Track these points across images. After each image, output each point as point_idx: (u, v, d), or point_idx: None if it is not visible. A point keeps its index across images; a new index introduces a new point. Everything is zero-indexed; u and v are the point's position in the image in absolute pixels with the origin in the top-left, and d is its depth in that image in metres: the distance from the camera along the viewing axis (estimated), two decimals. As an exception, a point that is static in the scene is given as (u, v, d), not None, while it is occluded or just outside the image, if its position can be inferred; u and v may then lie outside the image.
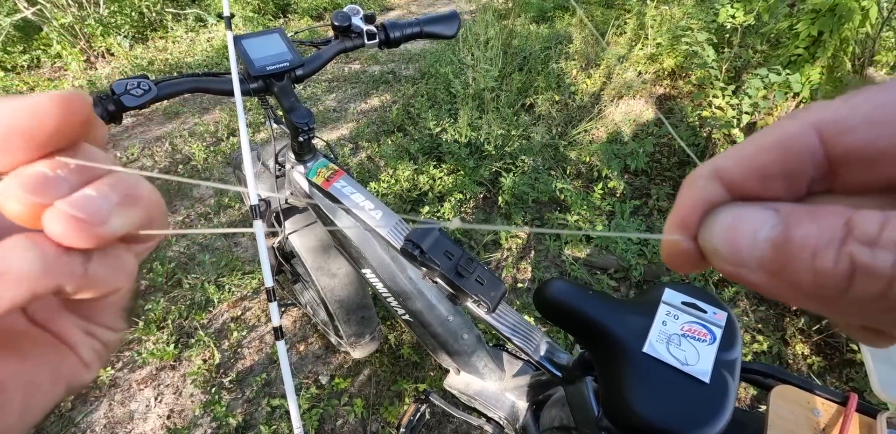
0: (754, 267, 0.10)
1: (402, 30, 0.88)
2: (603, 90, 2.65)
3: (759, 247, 0.10)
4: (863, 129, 0.10)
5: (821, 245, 0.09)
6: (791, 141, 0.11)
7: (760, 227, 0.10)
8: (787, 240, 0.10)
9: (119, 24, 3.21)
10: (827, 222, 0.09)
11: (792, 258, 0.09)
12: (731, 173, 0.11)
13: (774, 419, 0.57)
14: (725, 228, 0.11)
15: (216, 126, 2.33)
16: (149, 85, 0.68)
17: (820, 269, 0.09)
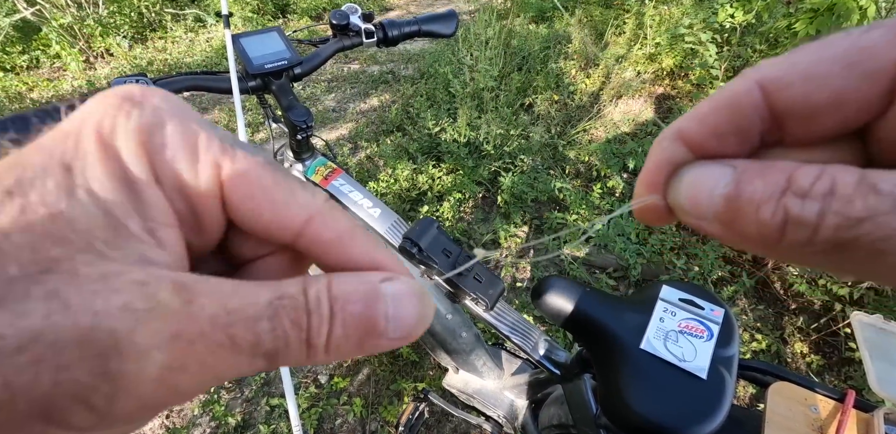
0: (711, 219, 0.11)
1: (400, 28, 0.88)
2: (602, 90, 2.65)
3: (715, 201, 0.11)
4: (799, 84, 0.11)
5: (763, 199, 0.10)
6: (737, 99, 0.11)
7: (716, 184, 0.11)
8: (737, 195, 0.11)
9: (118, 25, 3.22)
10: (772, 178, 0.10)
11: (740, 211, 0.11)
12: (691, 134, 0.12)
13: (772, 416, 0.57)
14: (687, 186, 0.12)
15: (215, 126, 2.33)
16: (147, 83, 0.68)
17: (761, 220, 0.10)
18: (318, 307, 0.11)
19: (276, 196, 0.12)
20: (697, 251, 1.53)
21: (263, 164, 0.12)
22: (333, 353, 0.11)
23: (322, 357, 0.11)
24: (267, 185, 0.12)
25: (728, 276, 1.50)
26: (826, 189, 0.09)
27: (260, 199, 0.12)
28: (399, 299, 0.12)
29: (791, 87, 0.11)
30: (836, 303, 1.30)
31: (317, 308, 0.11)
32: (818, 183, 0.09)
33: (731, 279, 1.49)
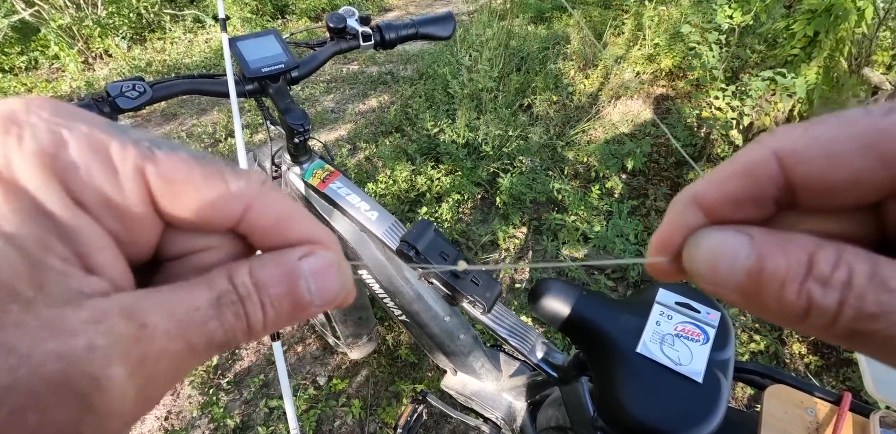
0: (731, 289, 0.11)
1: (398, 31, 0.88)
2: (601, 90, 2.66)
3: (737, 273, 0.11)
4: (818, 161, 0.11)
5: (788, 279, 0.10)
6: (755, 168, 0.12)
7: (737, 255, 0.11)
8: (760, 270, 0.11)
9: (117, 26, 3.21)
10: (794, 257, 0.10)
11: (764, 286, 0.11)
12: (707, 199, 0.13)
13: (768, 418, 0.58)
14: (707, 255, 0.12)
15: (214, 127, 2.33)
16: (144, 87, 0.68)
17: (785, 300, 0.10)
18: (248, 296, 0.12)
19: (207, 191, 0.12)
20: (696, 252, 1.54)
21: (188, 159, 0.12)
22: (271, 328, 0.12)
23: (261, 334, 0.12)
24: (196, 180, 0.12)
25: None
26: (844, 279, 0.10)
27: (192, 197, 0.12)
28: (317, 273, 0.13)
29: (810, 163, 0.11)
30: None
31: (248, 297, 0.12)
32: (837, 272, 0.10)
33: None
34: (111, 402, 0.09)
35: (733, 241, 0.12)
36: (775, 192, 0.12)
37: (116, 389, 0.09)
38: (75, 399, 0.09)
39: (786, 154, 0.11)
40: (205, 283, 0.12)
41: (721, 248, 0.12)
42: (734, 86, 1.93)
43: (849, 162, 0.10)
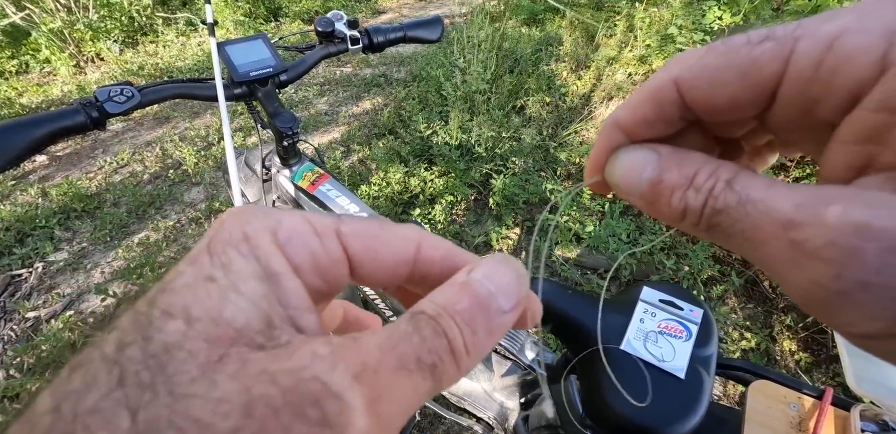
0: (638, 196, 0.14)
1: (386, 35, 0.89)
2: (593, 92, 2.67)
3: (642, 184, 0.14)
4: (706, 88, 0.13)
5: (676, 188, 0.13)
6: (658, 94, 0.14)
7: (644, 169, 0.14)
8: (659, 181, 0.14)
9: (109, 29, 3.21)
10: (684, 171, 0.13)
11: (659, 194, 0.14)
12: (624, 122, 0.15)
13: (752, 414, 0.58)
14: (620, 168, 0.15)
15: (207, 130, 2.33)
16: (132, 91, 0.69)
17: (672, 204, 0.13)
18: (439, 315, 0.12)
19: (386, 239, 0.14)
20: (687, 251, 1.55)
21: (367, 219, 0.15)
22: (472, 346, 0.12)
23: (465, 355, 0.12)
24: (377, 233, 0.14)
25: (718, 275, 1.51)
26: (710, 186, 0.12)
27: (377, 246, 0.14)
28: (488, 276, 0.13)
29: (699, 89, 0.13)
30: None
31: (439, 315, 0.12)
32: (707, 181, 0.13)
33: (720, 278, 1.51)
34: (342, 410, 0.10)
35: (643, 158, 0.14)
36: (678, 112, 0.14)
37: (343, 397, 0.10)
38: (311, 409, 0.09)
39: (682, 81, 0.13)
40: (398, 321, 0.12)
41: (632, 162, 0.14)
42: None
43: (728, 89, 0.12)
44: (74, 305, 1.48)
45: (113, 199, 1.89)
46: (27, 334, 1.38)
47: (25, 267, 1.60)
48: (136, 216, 1.82)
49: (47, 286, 1.54)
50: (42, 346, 1.31)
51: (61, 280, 1.57)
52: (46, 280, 1.56)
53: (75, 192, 1.86)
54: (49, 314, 1.45)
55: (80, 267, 1.61)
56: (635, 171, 0.14)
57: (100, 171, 2.08)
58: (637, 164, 0.14)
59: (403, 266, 0.14)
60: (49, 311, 1.46)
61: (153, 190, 1.94)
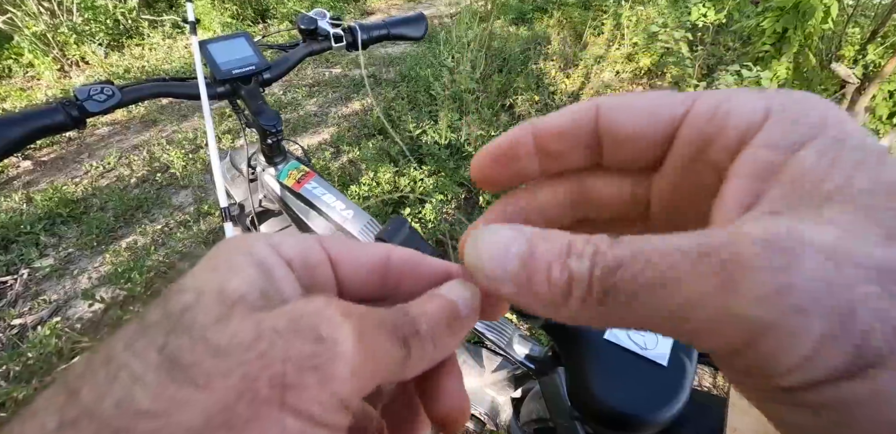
0: (508, 280, 0.12)
1: (370, 32, 0.89)
2: (582, 90, 2.70)
3: (511, 261, 0.12)
4: (620, 114, 0.14)
5: (552, 259, 0.12)
6: (579, 112, 0.15)
7: (512, 245, 0.12)
8: (530, 254, 0.12)
9: (93, 32, 3.17)
10: (556, 242, 0.12)
11: (534, 271, 0.12)
12: (542, 128, 0.15)
13: (735, 400, 0.59)
14: (483, 248, 0.13)
15: (195, 133, 2.31)
16: (112, 90, 0.68)
17: (552, 278, 0.11)
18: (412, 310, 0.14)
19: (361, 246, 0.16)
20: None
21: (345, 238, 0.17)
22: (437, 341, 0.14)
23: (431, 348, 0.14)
24: (353, 244, 0.16)
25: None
26: (593, 249, 0.11)
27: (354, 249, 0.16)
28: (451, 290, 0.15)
29: (615, 111, 0.14)
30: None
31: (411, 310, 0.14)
32: (587, 246, 0.11)
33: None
34: (335, 330, 0.11)
35: (508, 235, 0.13)
36: (590, 136, 0.15)
37: (337, 319, 0.12)
38: (310, 330, 0.11)
39: (602, 104, 0.14)
40: None
41: (497, 239, 0.13)
42: (706, 81, 1.98)
43: (639, 117, 0.14)
44: (61, 312, 1.46)
45: (100, 204, 1.87)
46: (13, 342, 1.36)
47: (10, 274, 1.58)
48: (124, 220, 1.80)
49: (33, 293, 1.52)
50: (28, 353, 1.29)
51: (47, 286, 1.55)
52: (32, 287, 1.54)
53: (61, 198, 1.84)
54: (35, 321, 1.42)
55: (67, 273, 1.59)
56: (501, 248, 0.12)
57: (86, 175, 2.05)
58: (503, 240, 0.12)
59: (378, 269, 0.16)
60: (35, 317, 1.43)
61: (140, 194, 1.92)
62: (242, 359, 0.10)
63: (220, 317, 0.11)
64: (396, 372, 0.13)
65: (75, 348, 1.29)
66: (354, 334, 0.12)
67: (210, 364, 0.10)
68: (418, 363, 0.13)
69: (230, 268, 0.13)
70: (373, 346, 0.12)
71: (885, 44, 2.15)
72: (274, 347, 0.11)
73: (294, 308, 0.12)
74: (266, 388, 0.10)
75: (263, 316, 0.12)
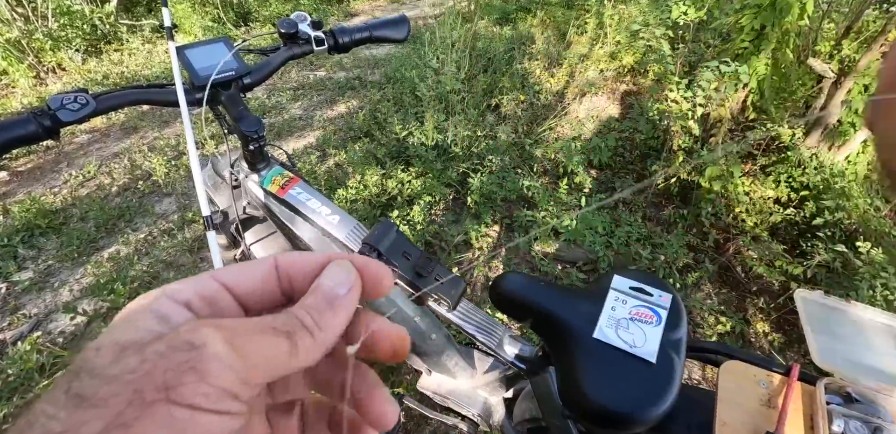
0: None
1: (351, 35, 0.89)
2: (566, 88, 2.72)
3: None
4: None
5: None
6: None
7: None
8: None
9: (70, 38, 3.10)
10: None
11: None
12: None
13: (723, 394, 0.60)
14: None
15: (177, 139, 2.28)
16: (86, 99, 0.66)
17: None
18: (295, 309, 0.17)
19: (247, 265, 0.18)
20: (662, 241, 1.58)
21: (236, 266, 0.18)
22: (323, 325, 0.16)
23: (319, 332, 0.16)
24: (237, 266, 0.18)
25: (692, 262, 1.55)
26: None
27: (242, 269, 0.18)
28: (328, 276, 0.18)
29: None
30: (792, 282, 1.36)
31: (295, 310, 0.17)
32: None
33: (695, 266, 1.55)
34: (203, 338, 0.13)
35: None
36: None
37: (205, 330, 0.14)
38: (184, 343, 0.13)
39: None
40: None
41: None
42: (688, 78, 2.01)
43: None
44: (42, 326, 1.42)
45: (80, 214, 1.82)
46: (-8, 358, 1.32)
47: (-12, 288, 1.53)
48: (105, 230, 1.76)
49: (12, 307, 1.48)
50: (8, 369, 1.25)
51: (27, 300, 1.50)
52: (11, 301, 1.50)
53: (39, 208, 1.79)
54: (15, 336, 1.38)
55: (47, 286, 1.55)
56: None
57: (65, 185, 2.00)
58: None
59: (270, 279, 0.18)
60: (15, 333, 1.39)
61: (122, 203, 1.88)
62: (130, 378, 0.12)
63: (116, 358, 0.13)
64: (290, 361, 0.15)
65: (57, 363, 1.26)
66: (223, 339, 0.14)
67: (105, 389, 0.12)
68: (314, 348, 0.16)
69: (127, 325, 0.15)
70: (246, 345, 0.14)
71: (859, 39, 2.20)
72: (156, 364, 0.13)
73: (173, 334, 0.14)
74: (152, 393, 0.12)
75: (149, 346, 0.13)
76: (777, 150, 1.99)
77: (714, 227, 1.67)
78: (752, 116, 2.20)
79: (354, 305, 0.17)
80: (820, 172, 1.72)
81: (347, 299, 0.17)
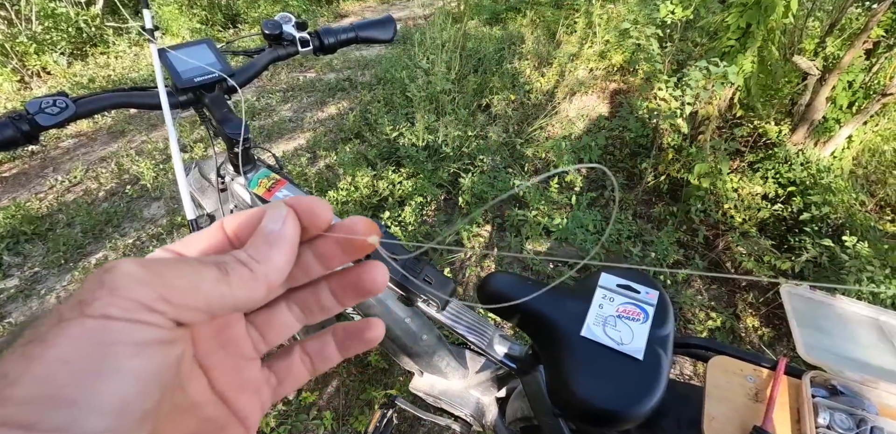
0: None
1: (337, 36, 0.88)
2: (557, 88, 2.73)
3: None
4: None
5: None
6: None
7: None
8: None
9: (55, 41, 3.05)
10: None
11: None
12: None
13: (711, 389, 0.60)
14: None
15: (165, 142, 2.25)
16: (66, 102, 0.66)
17: None
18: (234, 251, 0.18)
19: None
20: (653, 238, 1.59)
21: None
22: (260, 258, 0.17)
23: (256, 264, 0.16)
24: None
25: (682, 259, 1.56)
26: None
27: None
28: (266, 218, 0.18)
29: None
30: (780, 277, 1.38)
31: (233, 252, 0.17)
32: None
33: (685, 262, 1.56)
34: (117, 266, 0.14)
35: None
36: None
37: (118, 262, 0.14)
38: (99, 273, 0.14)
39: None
40: None
41: None
42: (676, 77, 2.03)
43: None
44: (29, 333, 1.40)
45: (66, 220, 1.80)
46: (-22, 367, 1.29)
47: (-28, 296, 1.51)
48: (93, 236, 1.74)
49: (-2, 315, 1.45)
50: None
51: (13, 308, 1.48)
52: (-4, 308, 1.47)
53: (24, 215, 1.76)
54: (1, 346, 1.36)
55: (33, 293, 1.52)
56: None
57: (51, 190, 1.97)
58: None
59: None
60: (1, 342, 1.37)
61: (110, 208, 1.86)
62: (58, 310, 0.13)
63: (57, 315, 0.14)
64: (224, 289, 0.15)
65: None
66: (137, 263, 0.14)
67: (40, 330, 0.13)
68: (252, 279, 0.16)
69: None
70: (164, 269, 0.14)
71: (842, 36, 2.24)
72: (77, 293, 0.14)
73: None
74: (68, 312, 0.13)
75: None
76: (764, 147, 2.02)
77: (703, 224, 1.68)
78: (740, 114, 2.22)
79: (294, 238, 0.18)
80: (806, 168, 1.74)
81: (283, 232, 0.17)
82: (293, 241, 0.17)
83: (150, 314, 0.13)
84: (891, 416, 0.56)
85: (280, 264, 0.17)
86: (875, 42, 1.98)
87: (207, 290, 0.15)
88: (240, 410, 0.18)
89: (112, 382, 0.12)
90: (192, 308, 0.14)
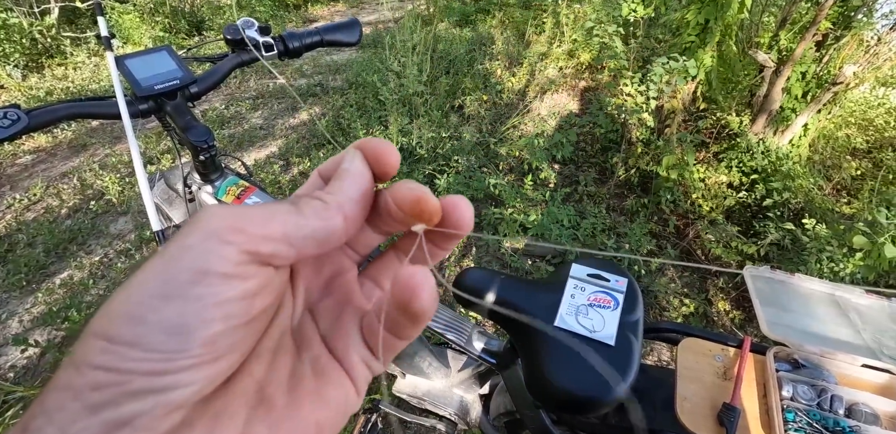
0: None
1: (301, 39, 0.88)
2: (528, 87, 2.77)
3: None
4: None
5: None
6: None
7: None
8: None
9: (7, 53, 2.92)
10: None
11: None
12: None
13: (682, 370, 0.62)
14: None
15: (130, 155, 2.18)
16: (17, 114, 0.63)
17: None
18: None
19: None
20: (626, 230, 1.63)
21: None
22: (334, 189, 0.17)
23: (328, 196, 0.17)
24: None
25: (655, 249, 1.61)
26: None
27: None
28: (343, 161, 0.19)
29: None
30: (747, 261, 1.44)
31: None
32: None
33: (658, 252, 1.61)
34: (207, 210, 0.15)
35: None
36: None
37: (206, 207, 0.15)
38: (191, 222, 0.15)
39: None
40: None
41: None
42: (640, 73, 2.09)
43: None
44: (-8, 360, 1.33)
45: (27, 240, 1.72)
46: (-63, 399, 1.22)
47: (-73, 324, 1.42)
48: (56, 255, 1.67)
49: (-44, 342, 1.38)
50: (-45, 410, 1.16)
51: (-27, 333, 1.40)
52: (-46, 335, 1.39)
53: (-19, 235, 1.67)
54: (-39, 373, 1.29)
55: (-5, 317, 1.45)
56: None
57: (9, 209, 1.88)
58: None
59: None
60: (-39, 369, 1.30)
61: (73, 225, 1.79)
62: None
63: None
64: (299, 220, 0.16)
65: (8, 400, 1.18)
66: (222, 205, 0.15)
67: None
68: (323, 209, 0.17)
69: None
70: (240, 208, 0.15)
71: (793, 30, 2.35)
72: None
73: None
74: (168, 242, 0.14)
75: None
76: (727, 138, 2.10)
77: (674, 214, 1.74)
78: (703, 106, 2.31)
79: (361, 171, 0.18)
80: (767, 156, 1.82)
81: (349, 168, 0.18)
82: (361, 174, 0.18)
83: (220, 244, 0.14)
84: (849, 385, 0.60)
85: (350, 193, 0.17)
86: (824, 34, 2.09)
87: (281, 220, 0.15)
88: (350, 367, 0.18)
89: (174, 306, 0.13)
90: (268, 238, 0.15)
